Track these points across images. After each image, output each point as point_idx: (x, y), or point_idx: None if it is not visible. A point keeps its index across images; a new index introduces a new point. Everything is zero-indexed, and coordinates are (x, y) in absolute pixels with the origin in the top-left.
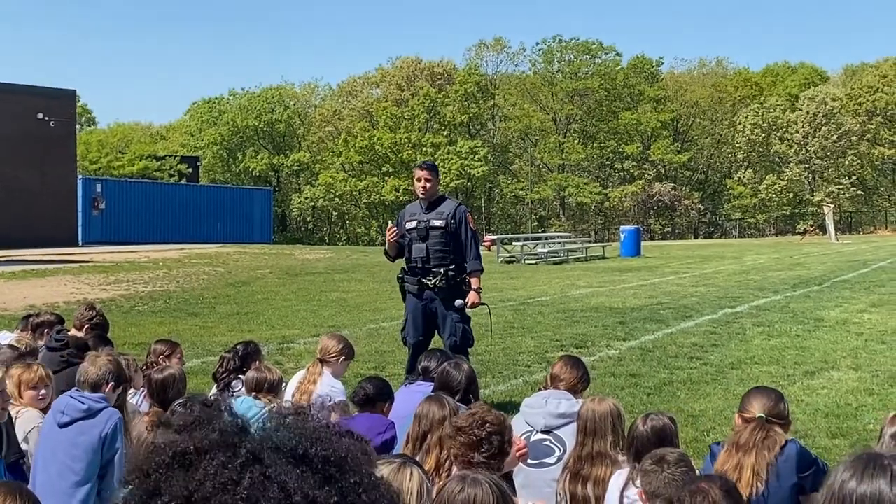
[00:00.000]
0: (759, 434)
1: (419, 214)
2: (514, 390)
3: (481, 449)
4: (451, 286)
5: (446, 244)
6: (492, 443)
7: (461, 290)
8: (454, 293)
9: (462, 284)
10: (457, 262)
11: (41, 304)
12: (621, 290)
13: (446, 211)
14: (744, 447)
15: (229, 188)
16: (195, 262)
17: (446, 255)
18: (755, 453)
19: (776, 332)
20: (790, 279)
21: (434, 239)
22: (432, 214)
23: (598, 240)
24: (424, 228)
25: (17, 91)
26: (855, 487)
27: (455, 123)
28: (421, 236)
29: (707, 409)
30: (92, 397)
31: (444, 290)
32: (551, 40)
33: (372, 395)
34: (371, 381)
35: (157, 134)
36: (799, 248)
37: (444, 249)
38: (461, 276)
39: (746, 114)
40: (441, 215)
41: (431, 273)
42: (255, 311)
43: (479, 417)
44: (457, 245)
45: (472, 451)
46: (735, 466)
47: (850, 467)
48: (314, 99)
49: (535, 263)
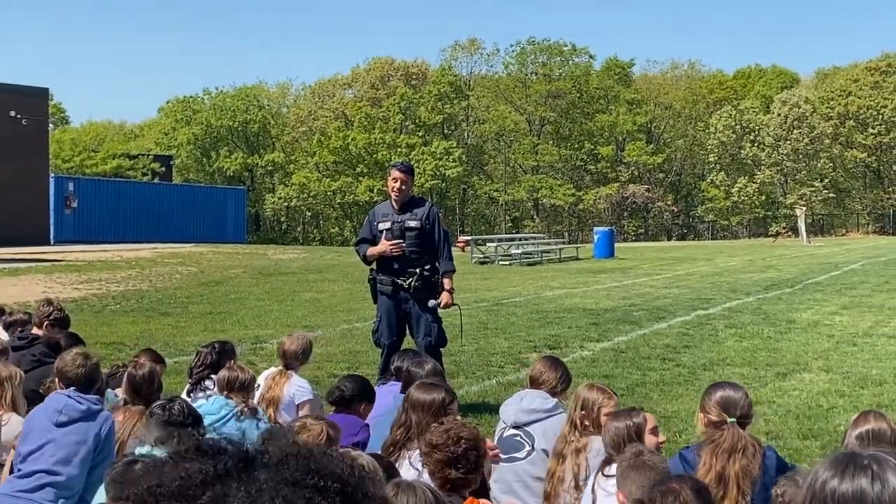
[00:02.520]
0: (739, 443)
1: (392, 215)
2: (488, 391)
3: (458, 465)
4: (427, 286)
5: (420, 245)
6: (468, 458)
7: (435, 290)
8: (429, 293)
9: (436, 284)
10: (430, 262)
11: (13, 304)
12: (595, 291)
13: (420, 212)
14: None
15: (203, 187)
16: (168, 261)
17: (421, 256)
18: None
19: (748, 333)
20: (762, 281)
21: (409, 240)
22: (407, 215)
23: (572, 241)
24: (399, 229)
25: None
26: (837, 486)
27: (430, 124)
28: (396, 237)
29: (679, 410)
30: (90, 398)
31: (419, 290)
32: (524, 42)
33: (348, 396)
34: (349, 380)
35: (130, 133)
36: (771, 251)
37: (419, 250)
38: (435, 277)
39: (719, 116)
40: (416, 216)
41: (406, 273)
42: (228, 310)
43: (455, 434)
44: (430, 245)
45: (448, 467)
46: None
47: (830, 467)
48: (288, 99)
49: (508, 264)
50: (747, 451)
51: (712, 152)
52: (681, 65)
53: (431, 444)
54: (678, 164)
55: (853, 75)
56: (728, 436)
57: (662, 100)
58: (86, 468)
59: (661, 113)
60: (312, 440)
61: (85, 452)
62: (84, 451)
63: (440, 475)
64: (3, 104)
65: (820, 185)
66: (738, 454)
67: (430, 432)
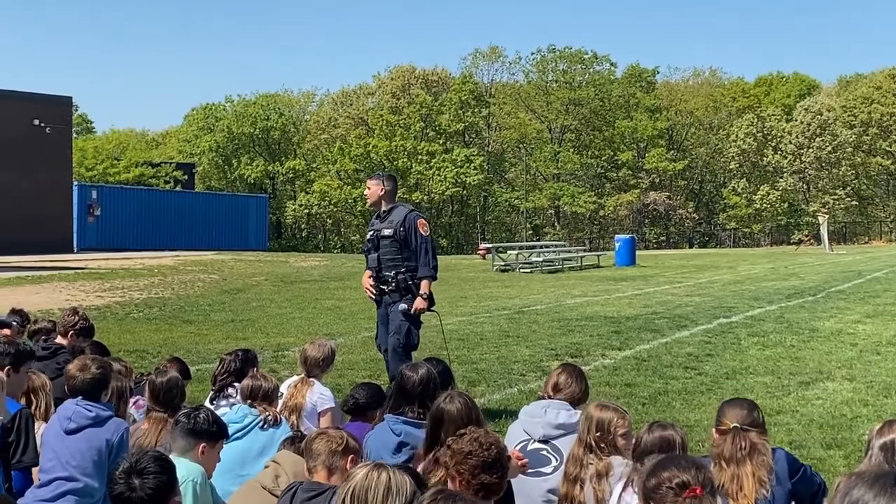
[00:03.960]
0: (742, 443)
1: (375, 224)
2: (509, 399)
3: (493, 470)
4: (402, 288)
5: (397, 252)
6: (502, 463)
7: (412, 292)
8: (403, 295)
9: (413, 287)
10: (409, 267)
11: (36, 311)
12: (616, 299)
13: (396, 219)
14: (731, 459)
15: (225, 195)
16: (190, 269)
17: (398, 263)
18: (748, 462)
19: (771, 342)
20: (785, 289)
21: (384, 248)
22: (384, 224)
23: (593, 249)
24: (376, 238)
25: (14, 97)
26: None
27: (450, 132)
28: (374, 246)
29: (702, 419)
30: (99, 405)
31: (394, 292)
32: (545, 49)
33: (362, 404)
34: (362, 388)
35: (152, 141)
36: (794, 259)
37: (395, 257)
38: (413, 280)
39: (741, 124)
40: (391, 224)
41: (383, 279)
42: (250, 318)
43: (484, 440)
44: (409, 252)
45: (484, 473)
46: (732, 478)
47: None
48: (311, 106)
49: (529, 272)
50: (754, 450)
51: (734, 160)
52: (702, 72)
53: (462, 453)
54: (699, 171)
55: (876, 82)
56: (730, 439)
57: (683, 107)
58: (102, 474)
59: (683, 120)
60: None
61: (98, 458)
62: (98, 457)
63: (476, 481)
64: (27, 113)
65: (842, 193)
66: (744, 452)
67: (455, 442)
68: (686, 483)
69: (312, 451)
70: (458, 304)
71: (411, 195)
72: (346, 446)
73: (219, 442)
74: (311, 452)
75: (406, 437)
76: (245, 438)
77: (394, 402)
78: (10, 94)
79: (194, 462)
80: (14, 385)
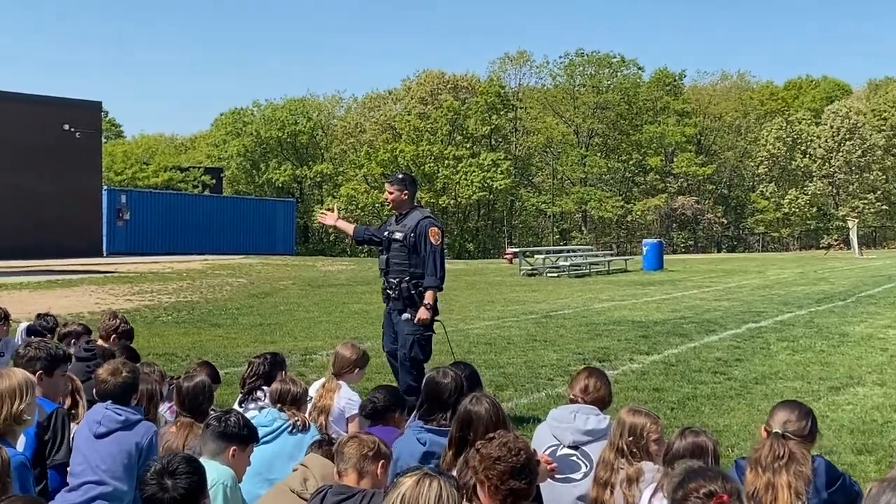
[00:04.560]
0: (780, 450)
1: (391, 226)
2: (537, 403)
3: (521, 476)
4: (404, 297)
5: (406, 257)
6: (531, 468)
7: (415, 302)
8: (407, 305)
9: (417, 297)
10: (415, 274)
11: (66, 314)
12: (644, 303)
13: (409, 224)
14: (767, 467)
15: (252, 199)
16: (218, 272)
17: (405, 268)
18: (785, 472)
19: (801, 347)
20: (814, 294)
21: (394, 251)
22: (397, 227)
23: (621, 253)
24: (388, 240)
25: (44, 102)
26: None
27: (477, 136)
28: (385, 247)
29: (731, 423)
30: (128, 409)
31: (396, 300)
32: (573, 53)
33: (381, 407)
34: (380, 391)
35: (181, 145)
36: (823, 263)
37: (403, 262)
38: (416, 290)
39: (770, 128)
40: (403, 228)
41: (389, 284)
42: (278, 322)
43: (513, 446)
44: (418, 259)
45: (512, 478)
46: (766, 486)
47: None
48: (338, 110)
49: (557, 276)
50: (792, 459)
51: (763, 164)
52: (730, 76)
53: (491, 458)
54: (728, 175)
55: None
56: (768, 445)
57: (712, 111)
58: (131, 478)
59: (711, 124)
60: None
61: (128, 462)
62: (127, 461)
63: (504, 487)
64: (58, 117)
65: (872, 198)
66: (780, 461)
67: (484, 447)
68: (713, 492)
69: (343, 455)
70: (485, 308)
71: (438, 199)
72: (378, 451)
73: (249, 445)
74: (341, 456)
75: (431, 446)
76: (274, 442)
77: (427, 409)
78: (40, 100)
79: (224, 465)
80: (49, 388)
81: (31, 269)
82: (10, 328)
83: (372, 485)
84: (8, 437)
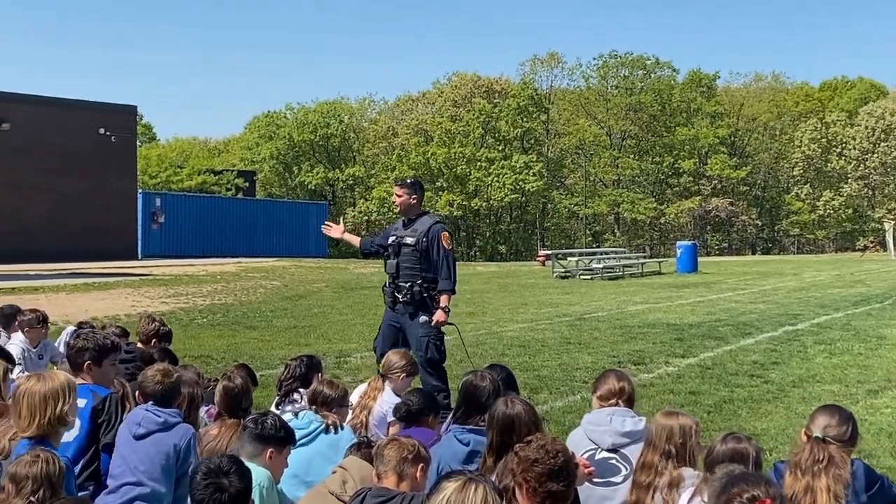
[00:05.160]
0: (819, 454)
1: (399, 230)
2: (572, 406)
3: (560, 478)
4: (416, 301)
5: (417, 262)
6: (569, 471)
7: (427, 306)
8: (419, 309)
9: (429, 301)
10: (427, 279)
11: (102, 317)
12: (678, 306)
13: (420, 229)
14: (807, 470)
15: (285, 202)
16: (252, 275)
17: (417, 273)
18: (824, 476)
19: (838, 350)
20: (851, 296)
21: (405, 256)
22: (407, 232)
23: (654, 255)
24: (397, 245)
25: (80, 107)
26: None
27: (509, 138)
28: (394, 252)
29: (769, 427)
30: (167, 411)
31: (408, 304)
32: (607, 55)
33: (415, 410)
34: (414, 394)
35: (214, 149)
36: (859, 265)
37: (415, 267)
38: (429, 293)
39: (805, 129)
40: (414, 233)
41: (399, 288)
42: (312, 324)
43: (551, 448)
44: (429, 264)
45: (550, 481)
46: (805, 490)
47: None
48: (370, 113)
49: (590, 279)
50: (831, 464)
51: (797, 165)
52: (764, 77)
53: (530, 460)
54: (762, 177)
55: None
56: (808, 449)
57: (746, 112)
58: (170, 479)
59: (744, 126)
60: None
61: (166, 463)
62: (165, 462)
63: (542, 489)
64: (93, 122)
65: None
66: (820, 465)
67: (522, 449)
68: (756, 497)
69: (384, 457)
70: (518, 310)
71: (470, 202)
72: (417, 454)
73: (286, 447)
74: (381, 458)
75: (475, 445)
76: (311, 445)
77: (464, 412)
78: (76, 104)
79: (262, 467)
80: (99, 377)
81: (68, 272)
82: (48, 331)
83: (411, 488)
84: (51, 438)
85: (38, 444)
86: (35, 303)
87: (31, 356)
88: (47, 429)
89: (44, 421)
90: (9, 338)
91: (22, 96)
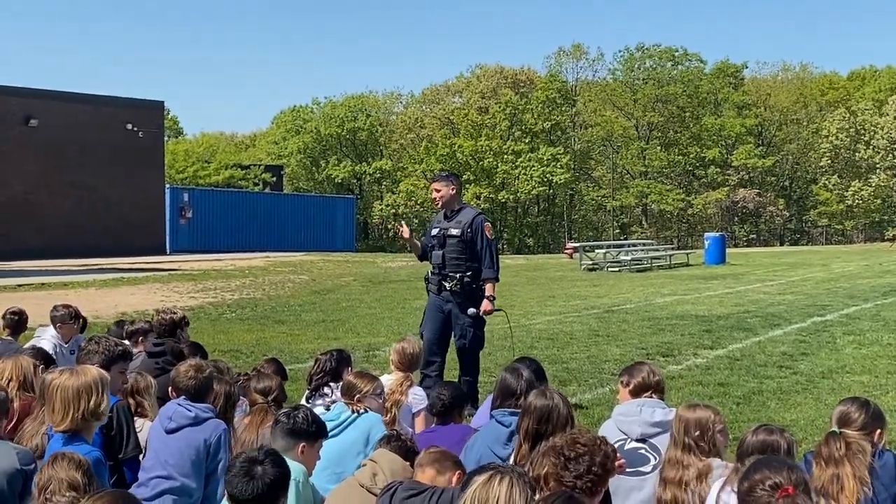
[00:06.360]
0: (836, 444)
1: (441, 223)
2: (601, 398)
3: (593, 471)
4: (465, 291)
5: (462, 252)
6: (606, 466)
7: (475, 296)
8: (468, 298)
9: (476, 291)
10: (473, 269)
11: (132, 312)
12: (707, 297)
13: (464, 220)
14: (829, 460)
15: (313, 196)
16: (280, 269)
17: (462, 263)
18: (848, 463)
19: (867, 340)
20: (880, 287)
21: (450, 247)
22: (451, 223)
23: (682, 247)
24: (442, 236)
25: (107, 103)
26: None
27: (536, 130)
28: (440, 243)
29: (798, 418)
30: (199, 406)
31: (458, 293)
32: (634, 48)
33: (448, 404)
34: (445, 388)
35: (241, 143)
36: (888, 255)
37: (460, 257)
38: (476, 283)
39: (832, 119)
40: (458, 224)
41: (447, 278)
42: (341, 318)
43: (572, 438)
44: (473, 253)
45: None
46: (832, 478)
47: None
48: (396, 107)
49: (618, 271)
50: (851, 451)
51: (825, 155)
52: (792, 66)
53: (551, 446)
54: (790, 167)
55: None
56: (826, 442)
57: (773, 102)
58: (200, 474)
59: (771, 116)
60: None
61: (196, 458)
62: (195, 457)
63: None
64: (121, 117)
65: None
66: (840, 454)
67: (557, 441)
68: (779, 484)
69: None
70: (546, 303)
71: (497, 194)
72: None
73: (318, 441)
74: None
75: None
76: (342, 436)
77: (499, 405)
78: (104, 100)
79: (295, 461)
80: None
81: (98, 268)
82: (79, 326)
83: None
84: (84, 433)
85: (72, 439)
86: (65, 298)
87: (63, 352)
88: (81, 423)
89: (77, 415)
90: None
91: (49, 93)
